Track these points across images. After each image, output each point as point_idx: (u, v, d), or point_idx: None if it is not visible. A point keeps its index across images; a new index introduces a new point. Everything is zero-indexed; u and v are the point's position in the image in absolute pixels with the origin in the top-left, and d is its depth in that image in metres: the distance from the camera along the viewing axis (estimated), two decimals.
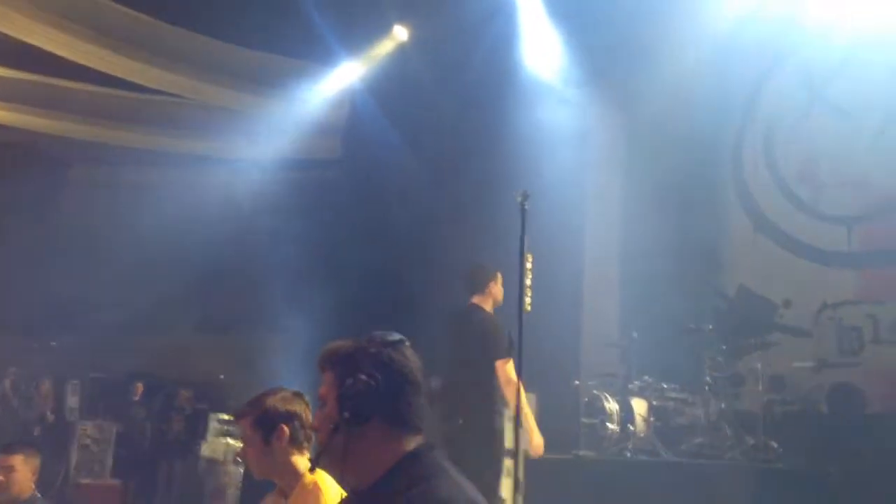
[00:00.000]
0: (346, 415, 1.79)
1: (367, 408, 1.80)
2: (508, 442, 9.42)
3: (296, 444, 2.86)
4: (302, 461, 2.84)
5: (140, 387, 11.30)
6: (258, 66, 11.35)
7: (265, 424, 2.86)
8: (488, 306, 5.95)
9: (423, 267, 10.78)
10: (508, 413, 5.57)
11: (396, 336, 1.90)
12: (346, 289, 11.69)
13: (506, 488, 7.29)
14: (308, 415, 2.92)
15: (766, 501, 6.77)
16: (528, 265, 5.02)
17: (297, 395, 3.00)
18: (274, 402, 2.92)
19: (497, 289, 6.00)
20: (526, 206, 5.07)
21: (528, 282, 4.96)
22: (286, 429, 2.85)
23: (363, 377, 1.80)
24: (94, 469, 11.86)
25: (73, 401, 11.00)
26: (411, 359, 1.88)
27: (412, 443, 1.83)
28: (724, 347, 8.05)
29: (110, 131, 12.10)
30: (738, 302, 9.31)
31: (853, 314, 8.65)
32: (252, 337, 10.99)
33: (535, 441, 5.68)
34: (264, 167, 11.79)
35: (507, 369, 5.29)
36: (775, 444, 7.42)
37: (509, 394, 5.29)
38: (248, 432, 2.89)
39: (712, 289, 9.60)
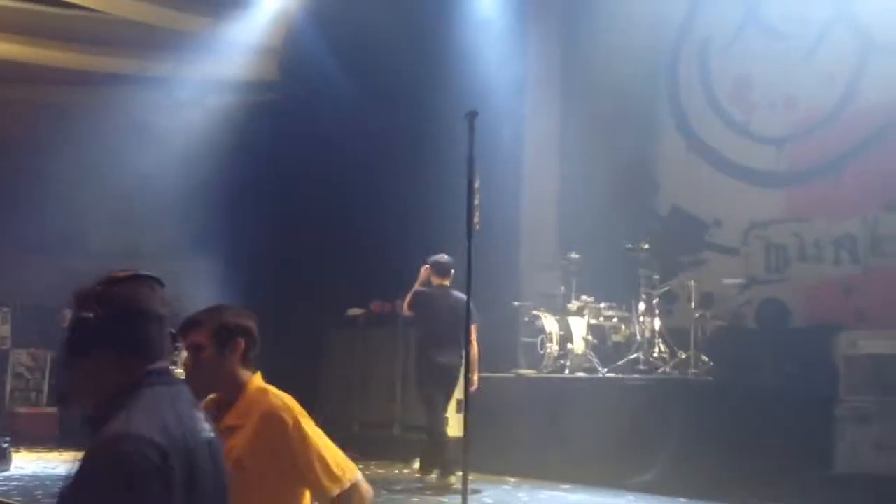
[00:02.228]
0: (67, 349, 1.95)
1: (86, 342, 1.94)
2: None
3: (245, 359, 2.96)
4: (247, 374, 2.94)
5: (67, 314, 11.11)
6: None
7: (221, 336, 2.93)
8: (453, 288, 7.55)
9: (363, 189, 10.78)
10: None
11: (129, 273, 2.02)
12: (286, 213, 11.64)
13: (448, 407, 7.54)
14: (255, 334, 3.01)
15: (699, 412, 7.11)
16: (476, 184, 5.09)
17: (248, 313, 3.07)
18: (231, 315, 2.99)
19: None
20: (473, 126, 5.10)
21: (476, 201, 5.04)
22: (242, 342, 2.94)
23: (83, 314, 1.94)
24: (30, 398, 11.79)
25: (3, 329, 10.81)
26: (142, 293, 2.00)
27: (144, 369, 1.96)
28: (659, 266, 8.29)
29: (30, 49, 11.58)
30: (671, 221, 9.56)
31: (780, 232, 8.94)
32: (180, 264, 10.85)
33: (475, 378, 7.22)
34: (198, 88, 11.48)
35: (475, 329, 7.02)
36: (706, 358, 7.76)
37: (474, 343, 7.08)
38: (202, 342, 2.95)
39: (647, 209, 9.82)
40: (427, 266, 7.64)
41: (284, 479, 2.76)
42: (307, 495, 2.83)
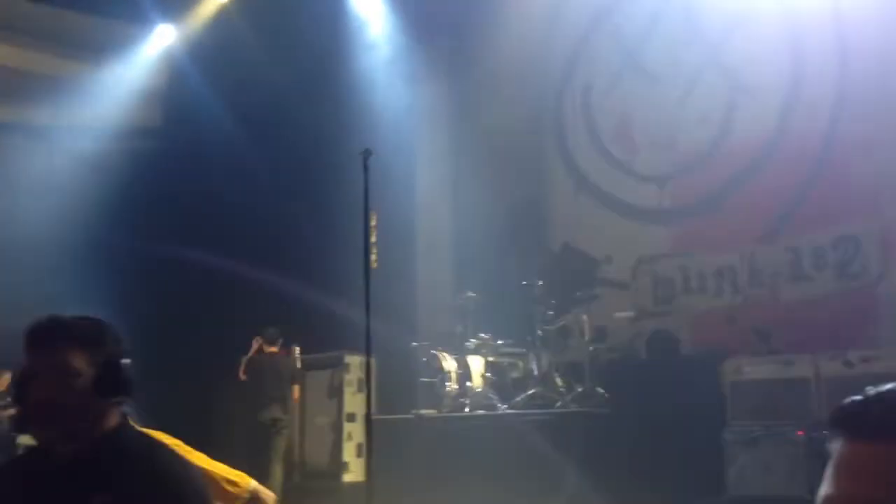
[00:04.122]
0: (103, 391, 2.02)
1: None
2: (350, 406, 9.56)
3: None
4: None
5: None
6: (65, 25, 10.63)
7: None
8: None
9: (254, 233, 10.60)
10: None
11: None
12: (173, 260, 11.29)
13: (348, 452, 7.41)
14: None
15: (597, 444, 7.22)
16: (373, 223, 5.11)
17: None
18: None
19: None
20: (367, 164, 5.13)
21: (373, 239, 5.05)
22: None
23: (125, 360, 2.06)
24: None
25: None
26: None
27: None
28: (553, 302, 8.44)
29: None
30: (563, 259, 9.79)
31: (667, 266, 9.28)
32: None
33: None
34: (77, 135, 11.10)
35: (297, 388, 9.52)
36: (601, 390, 7.91)
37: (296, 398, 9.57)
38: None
39: (539, 247, 10.03)
40: (258, 337, 9.44)
41: None
42: None
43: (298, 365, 9.94)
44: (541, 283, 8.52)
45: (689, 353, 8.51)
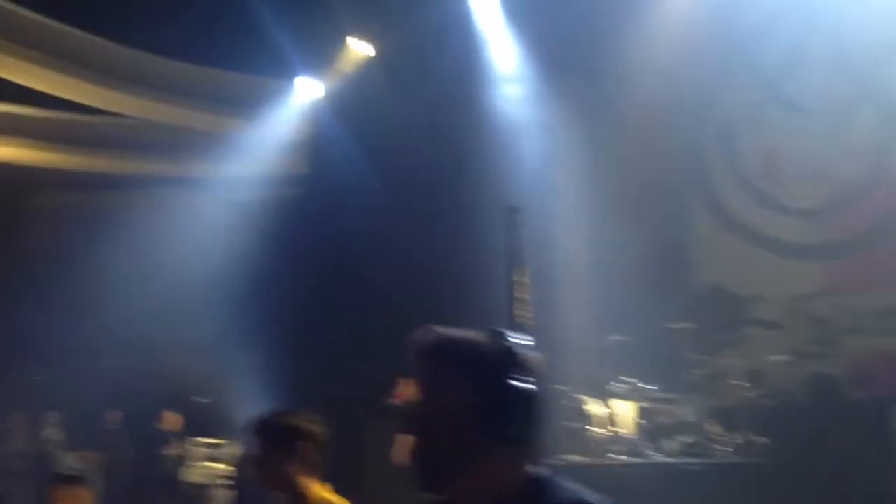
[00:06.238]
0: (482, 429, 1.57)
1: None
2: None
3: (308, 464, 2.95)
4: (308, 482, 2.93)
5: (115, 415, 11.16)
6: (219, 84, 11.30)
7: (283, 441, 2.94)
8: None
9: (385, 283, 10.80)
10: None
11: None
12: (314, 308, 11.66)
13: None
14: (321, 439, 3.00)
15: (756, 496, 6.94)
16: (523, 278, 5.08)
17: (317, 418, 3.08)
18: (296, 420, 3.01)
19: None
20: (514, 220, 5.14)
21: (524, 296, 5.02)
22: (302, 447, 2.94)
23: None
24: None
25: (53, 433, 10.81)
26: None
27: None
28: (702, 345, 8.21)
29: (72, 157, 11.91)
30: (710, 299, 9.52)
31: (822, 305, 8.88)
32: (226, 359, 10.92)
33: None
34: (231, 186, 11.71)
35: None
36: (760, 439, 7.60)
37: None
38: (263, 447, 2.96)
39: (683, 288, 9.79)
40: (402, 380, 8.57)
41: None
42: None
43: None
44: (689, 325, 8.31)
45: (853, 399, 8.08)
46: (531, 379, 1.66)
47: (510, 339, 1.68)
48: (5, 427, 10.72)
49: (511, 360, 1.64)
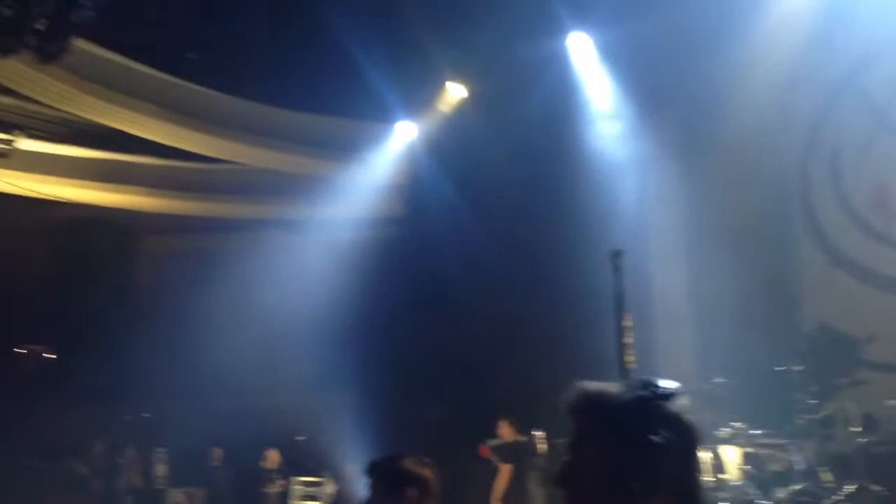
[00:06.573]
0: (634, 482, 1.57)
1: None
2: None
3: None
4: None
5: (218, 452, 11.44)
6: (320, 129, 11.59)
7: (393, 485, 2.98)
8: None
9: (482, 324, 10.79)
10: None
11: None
12: (411, 348, 11.75)
13: None
14: (432, 486, 3.02)
15: None
16: (627, 323, 5.03)
17: (428, 463, 3.12)
18: (408, 464, 3.04)
19: None
20: (618, 265, 5.08)
21: (629, 340, 4.96)
22: (412, 493, 2.97)
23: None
24: None
25: (160, 469, 11.18)
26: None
27: None
28: (813, 388, 7.87)
29: (178, 202, 12.41)
30: (819, 340, 9.14)
31: None
32: (325, 398, 11.08)
33: None
34: (331, 228, 11.97)
35: None
36: (875, 487, 7.22)
37: None
38: (373, 490, 3.00)
39: (790, 328, 9.43)
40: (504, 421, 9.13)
41: None
42: None
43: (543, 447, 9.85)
44: (798, 367, 7.98)
45: None
46: (680, 428, 1.65)
47: (658, 388, 1.69)
48: (118, 463, 11.12)
49: (658, 412, 1.65)
